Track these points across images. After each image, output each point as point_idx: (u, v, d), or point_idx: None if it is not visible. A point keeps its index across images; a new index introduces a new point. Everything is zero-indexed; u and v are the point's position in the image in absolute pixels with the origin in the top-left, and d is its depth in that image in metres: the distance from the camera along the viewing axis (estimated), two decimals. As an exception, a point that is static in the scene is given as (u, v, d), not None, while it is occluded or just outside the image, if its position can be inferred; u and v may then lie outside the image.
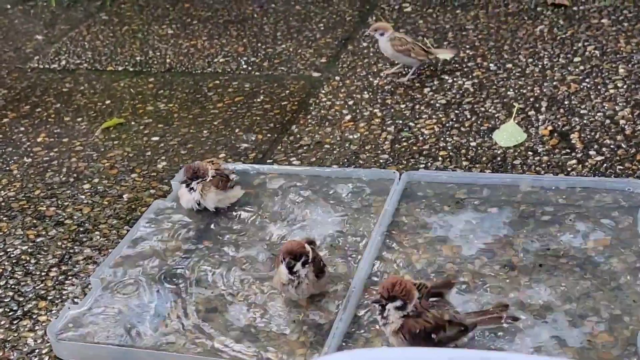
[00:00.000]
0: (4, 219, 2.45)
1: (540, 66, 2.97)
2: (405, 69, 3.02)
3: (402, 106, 2.82)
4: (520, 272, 1.95)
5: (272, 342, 1.84)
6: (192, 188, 2.26)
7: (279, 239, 2.17)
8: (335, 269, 2.04)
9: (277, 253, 1.97)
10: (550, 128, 2.58)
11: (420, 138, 2.61)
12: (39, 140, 2.89)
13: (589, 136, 2.51)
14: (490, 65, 3.03)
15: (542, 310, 1.84)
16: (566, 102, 2.71)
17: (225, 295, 1.99)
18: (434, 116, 2.73)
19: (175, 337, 1.88)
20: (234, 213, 2.30)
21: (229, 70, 3.28)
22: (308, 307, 1.92)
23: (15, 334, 1.98)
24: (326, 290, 1.96)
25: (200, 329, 1.90)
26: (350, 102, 2.90)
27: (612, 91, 2.75)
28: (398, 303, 1.68)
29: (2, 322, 2.02)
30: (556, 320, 1.81)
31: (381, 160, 2.52)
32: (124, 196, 2.50)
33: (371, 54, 3.23)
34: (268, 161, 2.58)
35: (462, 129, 2.64)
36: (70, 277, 2.16)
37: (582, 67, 2.93)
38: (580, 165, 2.38)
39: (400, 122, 2.72)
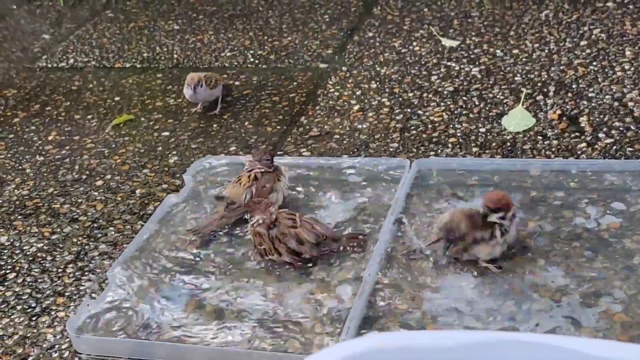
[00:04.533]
0: (19, 217, 2.47)
1: (546, 51, 2.98)
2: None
3: (410, 94, 2.83)
4: (533, 254, 1.97)
5: (288, 331, 1.85)
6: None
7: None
8: (348, 257, 2.05)
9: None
10: (559, 112, 2.58)
11: (430, 126, 2.62)
12: (50, 138, 2.92)
13: (597, 119, 2.52)
14: (497, 51, 3.03)
15: (556, 293, 1.85)
16: (574, 86, 2.72)
17: (241, 287, 2.01)
18: (442, 103, 2.74)
19: (193, 330, 1.90)
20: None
21: (236, 64, 3.29)
22: (323, 294, 1.94)
23: (35, 330, 2.01)
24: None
25: (217, 320, 1.91)
26: (358, 92, 2.91)
27: (619, 74, 2.75)
28: None
29: (22, 319, 2.05)
30: (570, 302, 1.82)
31: (391, 149, 2.53)
32: (136, 192, 2.52)
33: (377, 44, 3.24)
34: (279, 153, 2.59)
35: (471, 115, 2.65)
36: (86, 273, 2.19)
37: (588, 51, 2.93)
38: (590, 149, 2.38)
39: (409, 110, 2.73)
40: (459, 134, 2.56)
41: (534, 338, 1.10)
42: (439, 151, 2.48)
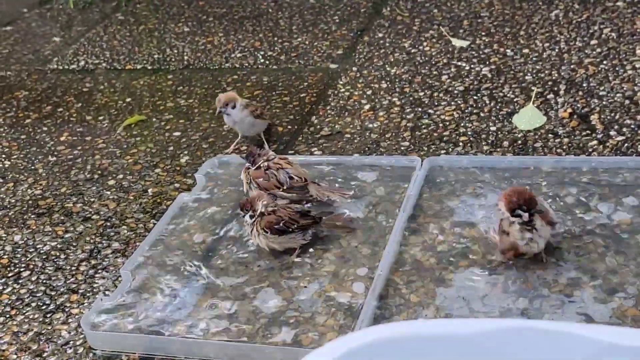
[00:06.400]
0: (32, 216, 2.48)
1: (557, 50, 2.98)
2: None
3: (421, 94, 2.84)
4: (545, 251, 1.97)
5: (301, 326, 1.86)
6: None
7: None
8: (361, 253, 2.06)
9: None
10: (569, 110, 2.59)
11: (440, 125, 2.63)
12: (62, 139, 2.93)
13: (609, 117, 2.52)
14: (507, 51, 3.04)
15: (568, 288, 1.85)
16: (584, 85, 2.72)
17: (254, 282, 2.02)
18: (452, 103, 2.75)
19: (206, 325, 1.90)
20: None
21: (247, 65, 3.31)
22: (336, 289, 1.95)
23: (49, 327, 2.02)
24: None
25: (231, 315, 1.92)
26: (369, 92, 2.91)
27: (630, 72, 2.75)
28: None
29: (36, 316, 2.06)
30: (583, 298, 1.82)
31: (402, 148, 2.54)
32: (148, 191, 2.53)
33: (387, 45, 3.25)
34: (290, 152, 2.60)
35: (482, 114, 2.65)
36: (100, 271, 2.20)
37: (599, 50, 2.93)
38: (601, 146, 2.38)
39: (420, 109, 2.74)
40: (469, 133, 2.56)
41: (551, 326, 1.10)
42: (450, 150, 2.49)
